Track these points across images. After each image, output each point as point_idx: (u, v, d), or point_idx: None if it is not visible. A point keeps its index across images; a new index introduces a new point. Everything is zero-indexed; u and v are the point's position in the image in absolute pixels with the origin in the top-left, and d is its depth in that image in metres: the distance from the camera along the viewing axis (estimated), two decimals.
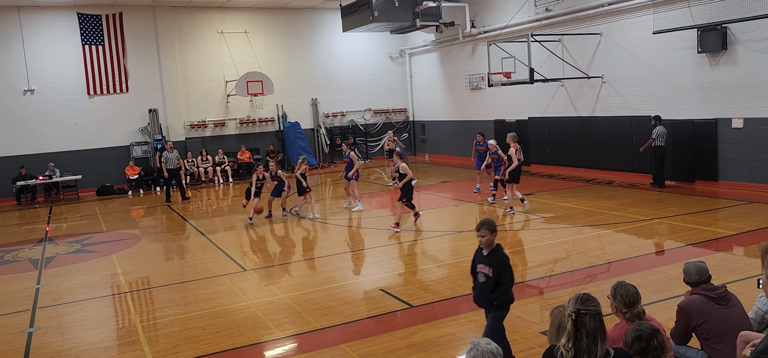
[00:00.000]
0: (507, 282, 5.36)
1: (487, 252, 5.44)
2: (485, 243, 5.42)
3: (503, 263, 5.36)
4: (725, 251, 9.64)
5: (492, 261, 5.39)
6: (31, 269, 11.32)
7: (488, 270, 5.40)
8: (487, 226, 5.39)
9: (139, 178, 22.34)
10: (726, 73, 14.70)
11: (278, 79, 24.35)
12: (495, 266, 5.36)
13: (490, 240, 5.40)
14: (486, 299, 5.47)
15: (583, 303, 3.53)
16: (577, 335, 3.46)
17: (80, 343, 7.41)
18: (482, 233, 5.39)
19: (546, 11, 19.32)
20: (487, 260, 5.43)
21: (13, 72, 21.23)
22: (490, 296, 5.40)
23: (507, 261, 5.40)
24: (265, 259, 11.27)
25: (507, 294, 5.39)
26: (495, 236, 5.42)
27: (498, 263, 5.37)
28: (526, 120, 20.84)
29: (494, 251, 5.43)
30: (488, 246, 5.43)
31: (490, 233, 5.38)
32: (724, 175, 15.04)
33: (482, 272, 5.46)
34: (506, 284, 5.36)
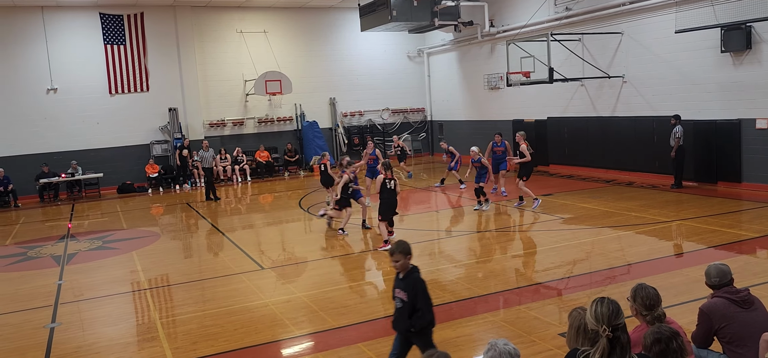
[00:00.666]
0: (423, 307, 5.07)
1: (402, 275, 5.17)
2: (400, 268, 5.14)
3: (417, 287, 5.08)
4: (749, 254, 9.48)
5: (406, 285, 5.12)
6: (54, 266, 11.48)
7: (403, 295, 5.12)
8: (400, 250, 5.09)
9: (159, 176, 22.57)
10: (750, 73, 14.45)
11: (296, 78, 24.44)
12: (409, 290, 5.09)
13: (405, 264, 5.12)
14: (403, 324, 5.16)
15: (616, 318, 3.50)
16: (611, 352, 3.44)
17: (101, 338, 7.50)
18: (395, 257, 5.10)
19: (566, 10, 19.15)
20: (402, 284, 5.15)
21: (36, 71, 21.56)
22: (408, 321, 5.10)
23: (421, 285, 5.11)
24: (283, 257, 11.32)
25: (424, 319, 5.11)
26: (409, 259, 5.13)
27: (411, 287, 5.09)
28: (545, 120, 20.69)
29: (409, 274, 5.15)
30: (403, 270, 5.15)
31: (404, 257, 5.09)
32: (748, 176, 14.80)
33: (398, 297, 5.18)
34: (422, 309, 5.07)
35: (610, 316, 3.52)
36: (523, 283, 8.77)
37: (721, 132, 15.19)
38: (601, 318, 3.53)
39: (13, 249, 13.37)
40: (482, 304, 7.86)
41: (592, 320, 3.61)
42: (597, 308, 3.61)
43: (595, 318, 3.58)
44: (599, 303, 3.63)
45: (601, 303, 3.61)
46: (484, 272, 9.39)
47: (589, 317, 3.65)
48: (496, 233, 12.17)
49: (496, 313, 7.55)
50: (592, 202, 14.37)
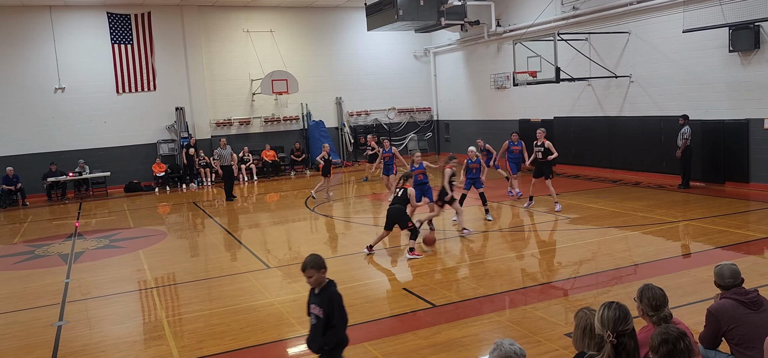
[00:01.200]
0: (338, 323, 4.79)
1: (318, 291, 4.87)
2: (314, 283, 4.85)
3: (333, 302, 4.79)
4: (757, 255, 9.43)
5: (322, 300, 4.81)
6: (61, 264, 11.54)
7: (319, 310, 4.83)
8: (313, 265, 4.78)
9: (166, 175, 22.65)
10: (758, 73, 14.37)
11: (303, 78, 24.47)
12: (325, 305, 4.79)
13: (319, 278, 4.81)
14: (317, 342, 4.86)
15: (622, 323, 3.48)
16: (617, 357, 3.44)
17: (108, 337, 7.53)
18: (308, 273, 4.80)
19: (573, 10, 19.10)
20: (318, 299, 4.84)
21: (44, 70, 21.68)
22: (322, 339, 4.81)
23: (338, 299, 4.82)
24: (289, 257, 11.33)
25: (338, 336, 4.81)
26: (324, 273, 4.82)
27: (328, 301, 4.79)
28: (552, 120, 20.63)
29: (325, 288, 4.84)
30: (318, 285, 4.85)
31: (318, 272, 4.78)
32: (756, 176, 14.72)
33: (314, 314, 4.88)
34: (337, 325, 4.79)
35: (616, 321, 3.50)
36: (530, 283, 8.76)
37: (728, 132, 15.12)
38: (606, 323, 3.52)
39: (21, 247, 13.45)
40: (488, 304, 7.85)
41: (598, 325, 3.59)
42: (604, 313, 3.59)
43: (601, 323, 3.57)
44: (606, 308, 3.61)
45: (609, 308, 3.60)
46: (490, 271, 9.37)
47: (596, 321, 3.63)
48: (503, 232, 12.15)
49: (502, 313, 7.54)
50: (598, 202, 14.33)
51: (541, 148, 13.79)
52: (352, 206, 16.96)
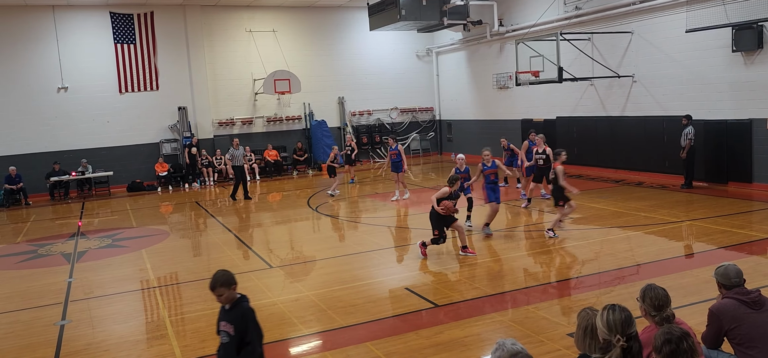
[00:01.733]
0: (254, 340, 4.57)
1: (229, 307, 4.66)
2: (225, 300, 4.63)
3: (247, 318, 4.57)
4: (759, 255, 9.42)
5: (234, 317, 4.59)
6: (64, 263, 11.56)
7: (230, 328, 4.59)
8: (223, 282, 4.58)
9: (169, 174, 22.68)
10: (762, 73, 14.34)
11: (305, 77, 24.48)
12: (237, 322, 4.57)
13: (230, 295, 4.61)
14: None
15: (629, 326, 3.49)
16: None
17: (110, 336, 7.55)
18: (218, 292, 4.60)
19: (576, 9, 19.08)
20: (229, 316, 4.63)
21: (47, 70, 21.72)
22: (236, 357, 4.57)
23: (252, 315, 4.61)
24: (291, 256, 11.34)
25: (255, 353, 4.59)
26: (234, 289, 4.62)
27: (240, 318, 4.58)
28: (555, 119, 20.61)
29: (236, 304, 4.63)
30: (229, 301, 4.64)
31: (228, 289, 4.59)
32: (759, 176, 14.69)
33: (224, 331, 4.64)
34: (253, 342, 4.56)
35: (624, 324, 3.50)
36: (532, 283, 8.75)
37: (731, 132, 15.09)
38: (614, 326, 3.51)
39: (24, 247, 13.48)
40: (490, 303, 7.85)
41: (603, 329, 3.56)
42: (609, 316, 3.57)
43: (607, 326, 3.54)
44: (611, 310, 3.59)
45: (613, 311, 3.58)
46: (493, 271, 9.37)
47: (600, 324, 3.60)
48: (505, 232, 12.14)
49: (505, 313, 7.53)
50: (601, 202, 14.32)
51: (543, 156, 13.90)
52: (355, 205, 16.97)
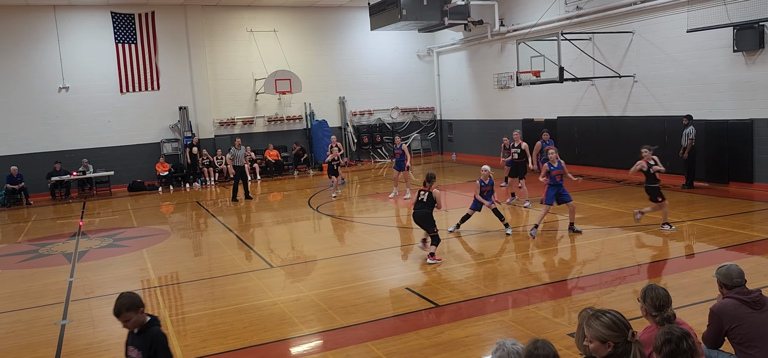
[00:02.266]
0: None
1: (137, 331, 4.41)
2: (133, 325, 4.39)
3: (157, 343, 4.35)
4: (760, 255, 9.40)
5: (143, 341, 4.35)
6: (65, 263, 11.57)
7: (138, 354, 4.37)
8: (129, 307, 4.33)
9: (170, 174, 22.69)
10: (763, 73, 14.33)
11: (306, 77, 24.49)
12: (146, 348, 4.33)
13: (138, 319, 4.35)
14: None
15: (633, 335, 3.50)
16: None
17: (111, 335, 7.54)
18: (124, 317, 4.33)
19: (576, 9, 19.07)
20: (138, 340, 4.39)
21: (48, 69, 21.74)
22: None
23: (163, 339, 4.40)
24: (292, 256, 11.35)
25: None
26: (142, 312, 4.38)
27: (150, 343, 4.34)
28: (556, 119, 20.60)
29: (146, 328, 4.39)
30: (137, 325, 4.40)
31: (136, 313, 4.33)
32: (760, 177, 14.68)
33: (131, 357, 4.44)
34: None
35: (626, 322, 3.52)
36: (532, 283, 8.75)
37: (733, 132, 15.08)
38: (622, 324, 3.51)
39: (25, 246, 13.49)
40: (491, 303, 7.85)
41: (607, 332, 3.53)
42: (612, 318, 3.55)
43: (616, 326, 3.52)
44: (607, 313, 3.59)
45: (608, 313, 3.58)
46: (493, 271, 9.36)
47: (604, 329, 3.56)
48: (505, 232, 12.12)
49: (505, 313, 7.53)
50: (602, 202, 14.31)
51: (518, 150, 14.57)
52: (356, 205, 16.97)
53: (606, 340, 3.50)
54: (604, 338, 3.50)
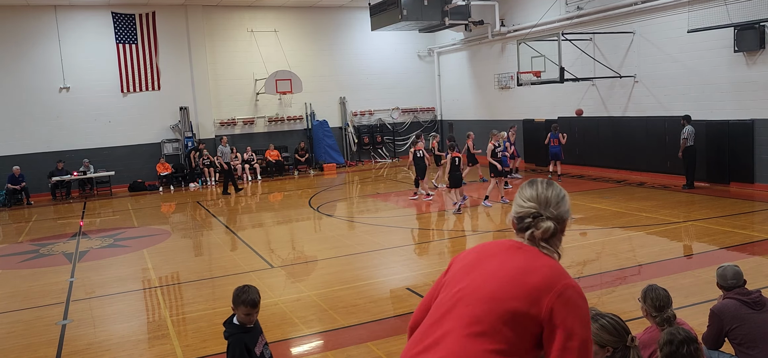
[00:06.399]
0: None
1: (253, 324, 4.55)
2: (254, 318, 4.55)
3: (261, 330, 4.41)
4: (761, 255, 9.40)
5: (258, 331, 4.53)
6: (66, 263, 11.58)
7: (264, 341, 4.59)
8: (259, 298, 4.48)
9: (170, 175, 22.68)
10: (764, 73, 14.33)
11: (307, 77, 24.49)
12: (261, 336, 4.48)
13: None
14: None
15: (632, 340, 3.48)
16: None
17: (112, 336, 7.55)
18: (257, 309, 4.53)
19: (577, 10, 19.06)
20: (256, 332, 4.57)
21: (49, 69, 21.75)
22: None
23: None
24: (293, 256, 11.35)
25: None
26: None
27: (261, 330, 4.51)
28: (556, 120, 20.59)
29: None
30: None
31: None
32: (761, 177, 14.67)
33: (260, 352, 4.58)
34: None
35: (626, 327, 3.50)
36: None
37: (733, 132, 15.07)
38: (623, 328, 3.50)
39: (26, 246, 13.50)
40: None
41: (608, 337, 3.51)
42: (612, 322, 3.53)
43: (616, 330, 3.50)
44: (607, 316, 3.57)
45: (606, 316, 3.57)
46: None
47: (604, 333, 3.55)
48: (506, 232, 12.14)
49: None
50: (602, 202, 14.31)
51: (501, 149, 14.90)
52: (356, 205, 16.97)
53: (604, 344, 3.41)
54: (602, 342, 3.42)
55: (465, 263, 2.54)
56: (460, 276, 2.48)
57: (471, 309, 2.32)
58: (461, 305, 2.36)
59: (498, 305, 2.29)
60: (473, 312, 2.30)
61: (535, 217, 2.46)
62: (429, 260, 10.58)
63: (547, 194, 2.49)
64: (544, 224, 2.45)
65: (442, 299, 2.48)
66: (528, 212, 2.49)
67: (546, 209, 2.47)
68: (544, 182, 2.55)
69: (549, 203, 2.48)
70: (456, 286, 2.44)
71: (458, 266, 2.55)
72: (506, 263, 2.41)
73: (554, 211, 2.48)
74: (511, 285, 2.32)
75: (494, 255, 2.48)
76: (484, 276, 2.40)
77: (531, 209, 2.48)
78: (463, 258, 2.59)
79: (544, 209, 2.47)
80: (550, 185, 2.53)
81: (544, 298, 2.29)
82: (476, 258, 2.52)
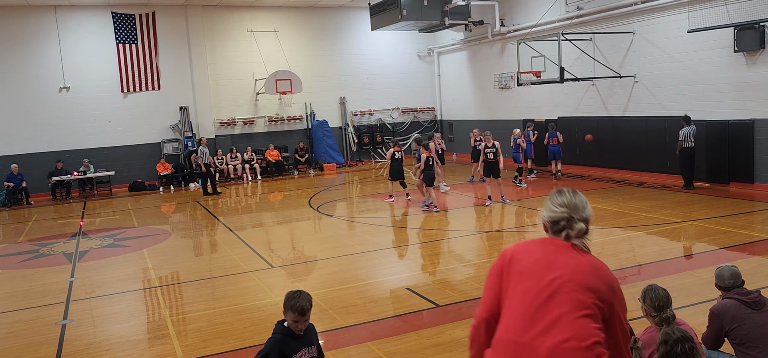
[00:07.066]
0: None
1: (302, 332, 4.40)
2: (305, 325, 4.39)
3: (315, 332, 4.37)
4: (761, 255, 9.40)
5: (311, 337, 4.43)
6: (66, 263, 11.58)
7: (313, 350, 4.43)
8: (311, 305, 4.36)
9: (170, 175, 22.67)
10: (764, 73, 14.33)
11: (307, 77, 24.50)
12: (315, 341, 4.43)
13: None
14: None
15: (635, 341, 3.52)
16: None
17: (112, 335, 7.56)
18: (308, 316, 4.36)
19: (577, 10, 19.06)
20: (305, 340, 4.41)
21: (49, 69, 21.75)
22: None
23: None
24: (293, 256, 11.35)
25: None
26: None
27: (314, 334, 4.43)
28: (556, 120, 20.59)
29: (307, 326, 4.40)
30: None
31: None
32: (761, 177, 14.67)
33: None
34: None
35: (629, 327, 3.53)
36: None
37: (733, 132, 15.07)
38: None
39: (26, 246, 13.50)
40: None
41: None
42: None
43: None
44: None
45: None
46: None
47: None
48: (506, 232, 12.14)
49: None
50: (602, 202, 14.31)
51: (493, 150, 14.91)
52: (356, 205, 16.97)
53: None
54: None
55: (535, 258, 2.86)
56: (541, 269, 2.80)
57: (575, 296, 2.69)
58: (562, 293, 2.71)
59: (594, 293, 2.72)
60: (578, 298, 2.68)
61: (569, 220, 2.90)
62: (428, 261, 10.57)
63: (575, 201, 2.94)
64: (577, 225, 2.89)
65: (529, 288, 2.78)
66: (561, 216, 2.92)
67: (576, 212, 2.91)
68: (570, 191, 2.99)
69: (578, 208, 2.93)
70: (545, 277, 2.76)
71: (530, 261, 2.85)
72: (577, 258, 2.83)
73: (583, 214, 2.92)
74: (595, 277, 2.77)
75: (558, 251, 2.86)
76: (571, 269, 2.77)
77: (564, 214, 2.92)
78: (528, 254, 2.90)
79: (575, 213, 2.91)
80: (575, 193, 2.98)
81: (613, 287, 2.80)
82: (544, 254, 2.86)
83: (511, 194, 15.98)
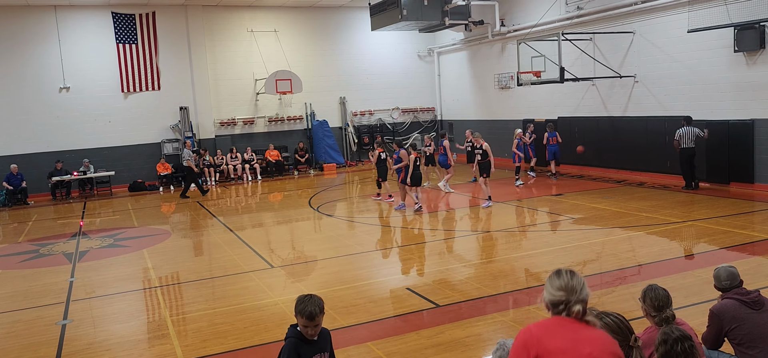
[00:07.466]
0: None
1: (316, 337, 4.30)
2: (317, 331, 4.27)
3: (329, 338, 4.31)
4: (761, 255, 9.40)
5: (324, 344, 4.36)
6: (66, 263, 11.58)
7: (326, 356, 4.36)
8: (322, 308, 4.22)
9: (170, 175, 22.66)
10: (764, 73, 14.33)
11: (307, 77, 24.49)
12: (328, 347, 4.36)
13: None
14: None
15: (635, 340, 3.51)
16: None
17: (112, 335, 7.56)
18: (319, 319, 4.21)
19: (577, 9, 19.06)
20: (318, 346, 4.33)
21: (49, 69, 21.75)
22: None
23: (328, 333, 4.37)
24: (293, 256, 11.35)
25: None
26: None
27: (328, 339, 4.37)
28: (556, 120, 20.59)
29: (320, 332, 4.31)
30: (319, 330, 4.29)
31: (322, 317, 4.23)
32: (761, 177, 14.67)
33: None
34: None
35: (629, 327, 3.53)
36: (533, 283, 8.75)
37: (733, 132, 15.07)
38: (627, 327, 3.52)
39: (26, 246, 13.50)
40: (492, 304, 7.85)
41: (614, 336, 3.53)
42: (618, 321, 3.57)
43: (619, 330, 3.54)
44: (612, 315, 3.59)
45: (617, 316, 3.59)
46: (494, 271, 9.36)
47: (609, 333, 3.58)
48: (506, 232, 12.14)
49: (506, 313, 7.53)
50: (602, 202, 14.31)
51: (480, 151, 15.00)
52: (356, 205, 16.97)
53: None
54: None
55: (564, 336, 2.99)
56: (573, 347, 2.96)
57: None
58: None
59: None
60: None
61: (567, 303, 3.03)
62: (428, 261, 10.58)
63: (573, 283, 3.05)
64: (575, 307, 3.03)
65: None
66: (560, 300, 3.05)
67: (573, 295, 3.04)
68: (568, 273, 3.11)
69: (575, 290, 3.04)
70: (582, 352, 2.94)
71: (561, 341, 2.98)
72: (598, 332, 3.05)
73: (580, 296, 3.03)
74: (616, 347, 3.04)
75: (579, 330, 3.01)
76: (598, 346, 2.97)
77: (561, 298, 3.05)
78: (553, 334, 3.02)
79: (572, 295, 3.04)
80: (573, 275, 3.09)
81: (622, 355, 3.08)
82: (570, 332, 3.00)
83: (510, 194, 15.97)
